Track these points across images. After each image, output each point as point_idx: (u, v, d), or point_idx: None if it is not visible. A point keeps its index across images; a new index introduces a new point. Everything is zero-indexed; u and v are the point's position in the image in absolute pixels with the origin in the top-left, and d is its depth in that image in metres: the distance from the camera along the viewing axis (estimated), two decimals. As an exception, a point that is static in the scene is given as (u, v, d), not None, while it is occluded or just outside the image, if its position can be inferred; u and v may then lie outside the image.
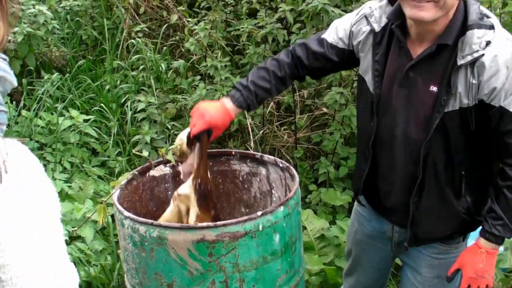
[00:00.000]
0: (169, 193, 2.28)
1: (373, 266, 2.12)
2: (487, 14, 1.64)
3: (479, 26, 1.58)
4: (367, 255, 2.10)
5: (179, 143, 1.91)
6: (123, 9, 4.65)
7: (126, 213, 1.79)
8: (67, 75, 4.26)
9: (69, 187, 3.18)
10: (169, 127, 3.64)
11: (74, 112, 3.75)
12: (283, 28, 3.57)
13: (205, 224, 1.71)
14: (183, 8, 4.24)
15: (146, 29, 4.46)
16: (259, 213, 1.72)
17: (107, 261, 2.77)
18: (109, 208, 2.29)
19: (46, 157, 3.49)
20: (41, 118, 3.75)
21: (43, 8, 4.23)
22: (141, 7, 4.61)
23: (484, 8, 1.66)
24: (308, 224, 2.99)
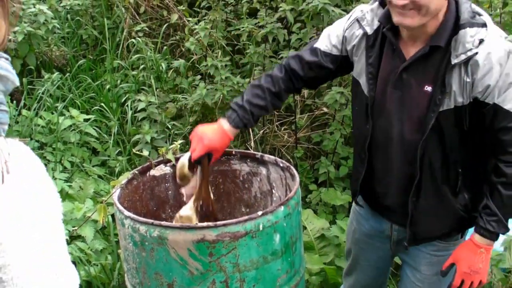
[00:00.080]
0: (170, 192, 2.28)
1: (372, 265, 2.12)
2: (479, 12, 1.65)
3: (471, 24, 1.59)
4: (365, 254, 2.10)
5: (181, 166, 1.94)
6: (123, 9, 4.65)
7: (127, 212, 1.79)
8: (67, 74, 4.26)
9: (70, 186, 3.18)
10: (169, 126, 3.65)
11: (74, 112, 3.75)
12: (283, 27, 3.57)
13: (205, 224, 1.72)
14: (183, 8, 4.24)
15: (147, 28, 4.47)
16: (259, 213, 1.72)
17: (107, 260, 2.77)
18: (109, 208, 2.29)
19: (47, 156, 3.49)
20: (41, 117, 3.75)
21: (43, 7, 4.23)
22: (142, 6, 4.61)
23: (476, 6, 1.67)
24: (308, 224, 2.99)
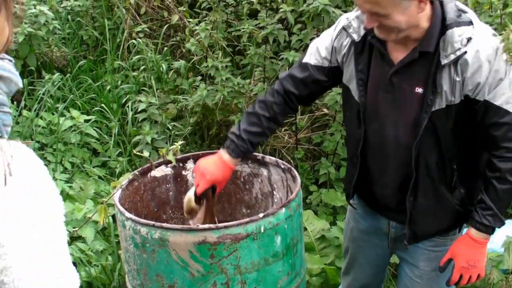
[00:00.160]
0: (171, 193, 2.28)
1: (370, 263, 2.12)
2: (463, 9, 1.66)
3: (458, 24, 1.60)
4: (363, 252, 2.11)
5: (188, 201, 1.99)
6: (124, 10, 4.65)
7: (128, 214, 1.79)
8: (68, 75, 4.25)
9: (70, 187, 3.18)
10: (170, 127, 3.65)
11: (75, 113, 3.75)
12: (284, 28, 3.57)
13: (206, 226, 1.72)
14: (184, 9, 4.24)
15: (147, 29, 4.46)
16: (260, 215, 1.73)
17: (108, 261, 2.77)
18: (109, 209, 2.29)
19: (47, 157, 3.49)
20: (42, 118, 3.75)
21: (44, 8, 4.23)
22: (142, 7, 4.61)
23: (460, 3, 1.68)
24: (308, 225, 2.99)
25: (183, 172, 2.28)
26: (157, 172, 2.23)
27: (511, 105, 1.62)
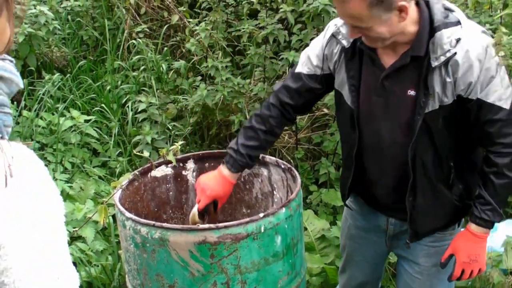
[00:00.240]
0: (171, 193, 2.29)
1: (367, 261, 2.13)
2: (450, 8, 1.66)
3: (446, 25, 1.60)
4: (360, 249, 2.11)
5: (192, 216, 2.03)
6: (124, 10, 4.65)
7: (128, 214, 1.80)
8: (68, 75, 4.25)
9: (70, 187, 3.18)
10: (170, 127, 3.65)
11: (75, 113, 3.75)
12: (284, 28, 3.57)
13: (206, 225, 1.72)
14: (184, 9, 4.24)
15: (147, 29, 4.46)
16: (261, 214, 1.73)
17: (108, 261, 2.78)
18: (109, 209, 2.29)
19: (47, 157, 3.49)
20: (42, 118, 3.75)
21: (44, 8, 4.23)
22: (142, 7, 4.61)
23: (446, 2, 1.68)
24: (308, 225, 2.99)
25: (183, 172, 2.29)
26: (157, 172, 2.23)
27: (504, 101, 1.63)
